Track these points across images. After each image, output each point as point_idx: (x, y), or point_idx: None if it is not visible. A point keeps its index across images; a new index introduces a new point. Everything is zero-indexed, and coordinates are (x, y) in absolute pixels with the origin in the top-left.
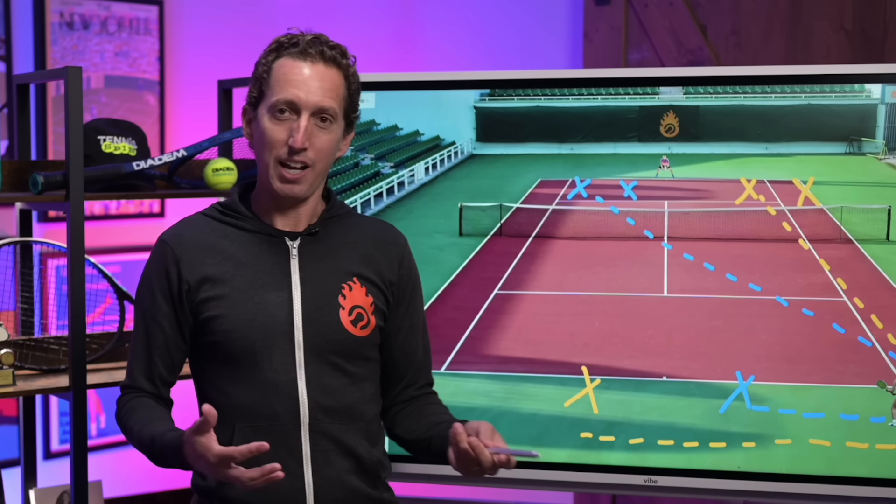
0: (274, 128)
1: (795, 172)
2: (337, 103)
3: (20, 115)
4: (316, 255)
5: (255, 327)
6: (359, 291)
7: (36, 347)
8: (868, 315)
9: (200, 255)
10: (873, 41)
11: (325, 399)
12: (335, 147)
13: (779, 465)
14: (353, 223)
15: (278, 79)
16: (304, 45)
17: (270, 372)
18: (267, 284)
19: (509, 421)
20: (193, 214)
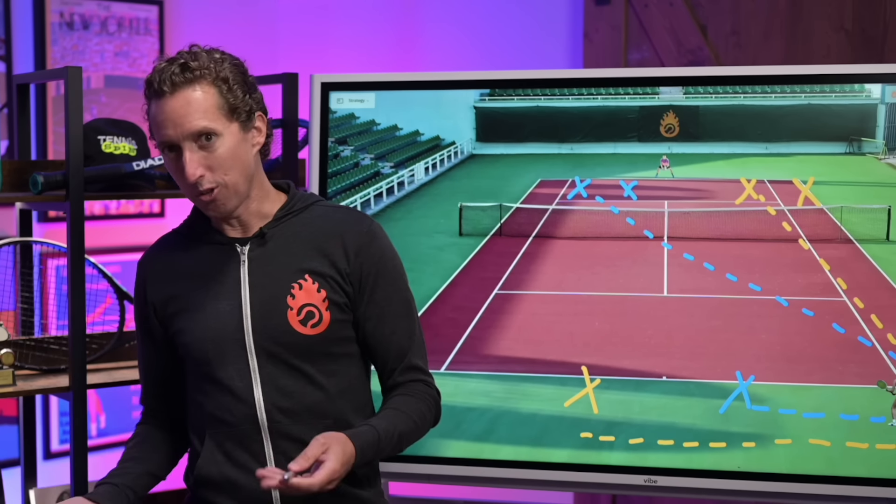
0: (172, 167)
1: (795, 172)
2: (210, 116)
3: (20, 115)
4: (266, 258)
5: (208, 337)
6: (309, 288)
7: (36, 347)
8: (868, 315)
9: (163, 274)
10: (873, 41)
11: (283, 401)
12: (239, 150)
13: (779, 465)
14: (313, 216)
15: (154, 124)
16: (157, 83)
17: (227, 380)
18: (219, 294)
19: (509, 421)
20: (169, 232)
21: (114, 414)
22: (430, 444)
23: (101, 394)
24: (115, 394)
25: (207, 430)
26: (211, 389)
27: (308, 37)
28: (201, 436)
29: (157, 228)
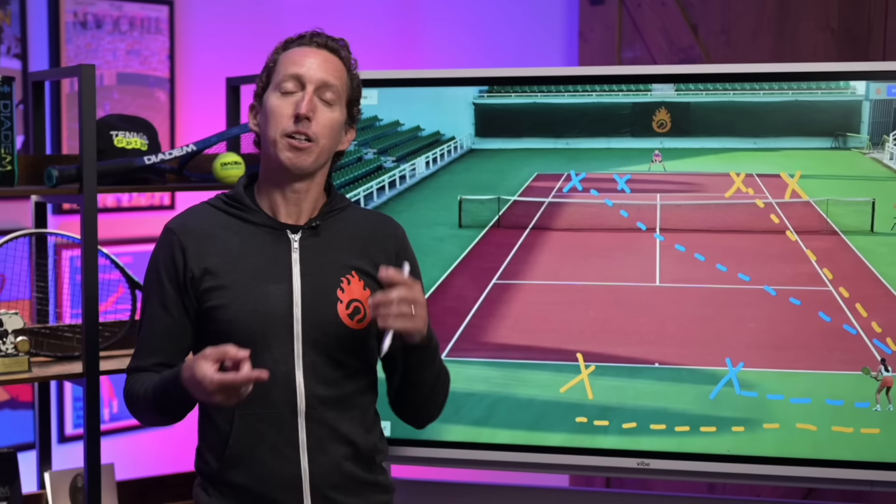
0: (280, 103)
1: (783, 166)
2: (339, 84)
3: (35, 112)
4: (316, 249)
5: (256, 318)
6: (357, 285)
7: (51, 335)
8: (853, 304)
9: (205, 245)
10: (858, 40)
11: (322, 389)
12: (338, 130)
13: (767, 448)
14: (352, 217)
15: (284, 63)
16: (308, 37)
17: (270, 362)
18: (269, 276)
19: (507, 406)
20: (199, 204)
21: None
22: (430, 428)
23: (113, 380)
24: None
25: (236, 409)
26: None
27: None
28: (229, 414)
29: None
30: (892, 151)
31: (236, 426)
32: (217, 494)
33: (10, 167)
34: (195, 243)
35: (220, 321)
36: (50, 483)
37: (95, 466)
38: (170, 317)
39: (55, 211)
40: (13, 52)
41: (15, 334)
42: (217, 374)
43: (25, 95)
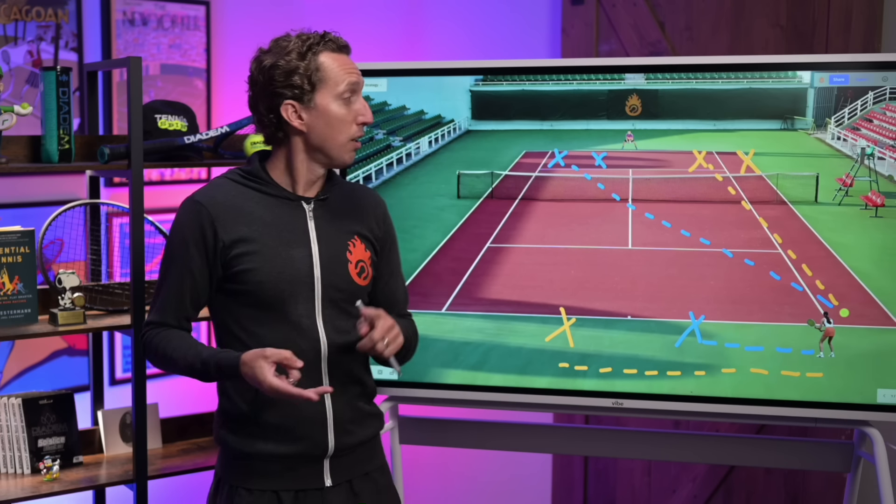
0: (346, 112)
1: (739, 145)
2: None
3: (90, 98)
4: (326, 217)
5: (283, 279)
6: (360, 247)
7: (103, 292)
8: (800, 265)
9: (233, 216)
10: (804, 35)
11: (339, 338)
12: None
13: (725, 390)
14: (345, 189)
15: (334, 69)
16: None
17: (296, 316)
18: (291, 242)
19: (499, 353)
20: (218, 178)
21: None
22: (433, 372)
23: None
24: None
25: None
26: (278, 325)
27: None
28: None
29: None
30: (834, 132)
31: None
32: (244, 434)
33: (68, 146)
34: (224, 215)
35: (251, 282)
36: (102, 420)
37: (142, 405)
38: (192, 280)
39: (107, 184)
40: (70, 46)
41: (72, 291)
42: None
43: (81, 84)
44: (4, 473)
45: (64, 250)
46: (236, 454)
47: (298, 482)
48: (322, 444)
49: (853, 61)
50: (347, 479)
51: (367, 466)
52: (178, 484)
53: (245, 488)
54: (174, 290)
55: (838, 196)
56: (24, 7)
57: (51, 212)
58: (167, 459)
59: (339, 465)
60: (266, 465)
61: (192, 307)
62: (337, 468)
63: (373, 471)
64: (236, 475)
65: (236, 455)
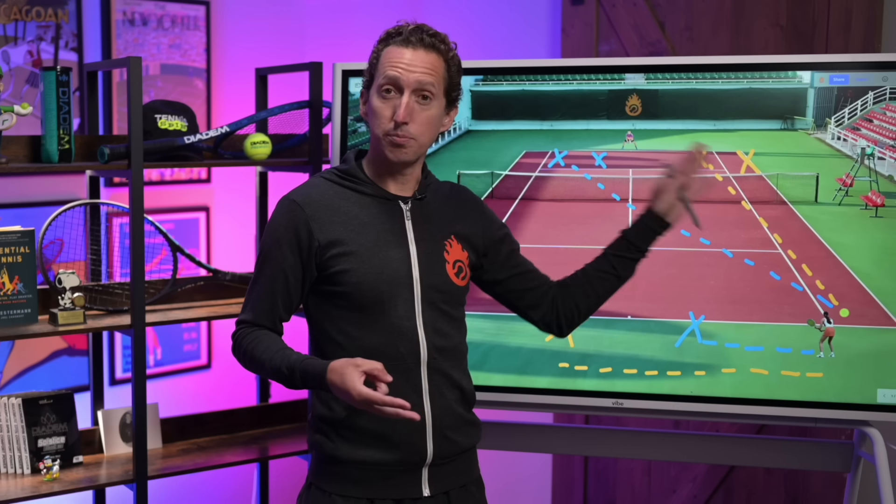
0: (381, 105)
1: (739, 145)
2: (436, 80)
3: (90, 98)
4: (423, 217)
5: (382, 280)
6: (457, 247)
7: (103, 292)
8: (799, 265)
9: (328, 216)
10: (804, 35)
11: (439, 340)
12: (437, 122)
13: (724, 390)
14: (440, 188)
15: (384, 63)
16: (406, 33)
17: (396, 318)
18: (389, 242)
19: (499, 353)
20: (314, 177)
21: (168, 347)
22: None
23: (157, 331)
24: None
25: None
26: (377, 326)
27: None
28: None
29: (205, 192)
30: (834, 132)
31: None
32: (340, 439)
33: (68, 146)
34: (320, 215)
35: (348, 283)
36: (102, 420)
37: (142, 405)
38: (286, 282)
39: (107, 184)
40: (70, 46)
41: (72, 291)
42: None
43: (81, 84)
44: (4, 473)
45: (64, 250)
46: (331, 460)
47: (395, 491)
48: (421, 451)
49: (853, 61)
50: (445, 490)
51: (465, 478)
52: (178, 484)
53: (340, 495)
54: (267, 291)
55: (838, 196)
56: (24, 7)
57: (51, 212)
58: (167, 459)
59: (437, 475)
60: (363, 472)
61: (284, 309)
62: (435, 477)
63: (470, 483)
64: (330, 481)
65: (331, 461)
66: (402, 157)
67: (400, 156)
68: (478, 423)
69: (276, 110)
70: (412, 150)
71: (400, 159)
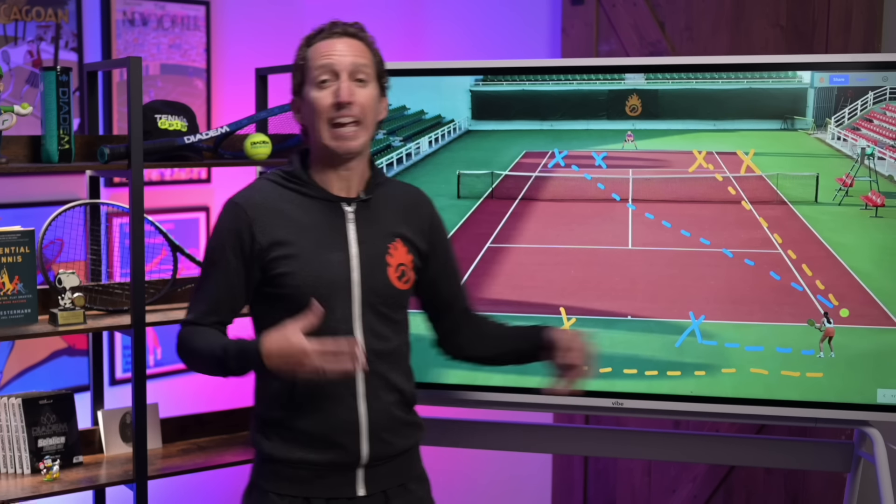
0: (320, 95)
1: (739, 145)
2: (368, 61)
3: (90, 98)
4: (367, 219)
5: (321, 283)
6: (402, 250)
7: (103, 292)
8: (800, 265)
9: (270, 218)
10: (804, 35)
11: (377, 344)
12: (376, 104)
13: (725, 390)
14: (391, 189)
15: (315, 58)
16: (328, 29)
17: (333, 322)
18: (330, 245)
19: None
20: (259, 180)
21: (168, 347)
22: (433, 372)
23: (157, 331)
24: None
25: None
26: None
27: None
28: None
29: (205, 192)
30: (834, 132)
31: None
32: (277, 438)
33: (68, 146)
34: (262, 217)
35: (288, 286)
36: (102, 420)
37: (142, 406)
38: (229, 283)
39: (107, 184)
40: (70, 46)
41: (72, 291)
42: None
43: (81, 84)
44: (4, 473)
45: (64, 250)
46: (268, 458)
47: (330, 490)
48: (355, 453)
49: (853, 61)
50: (382, 489)
51: (404, 477)
52: (178, 484)
53: (276, 493)
54: (211, 293)
55: (838, 196)
56: (24, 7)
57: (51, 212)
58: (167, 459)
59: (374, 475)
60: (297, 471)
61: (228, 310)
62: (372, 478)
63: (409, 481)
64: (268, 480)
65: (268, 459)
66: (349, 145)
67: (346, 144)
68: (418, 424)
69: (276, 110)
70: (358, 136)
71: (347, 148)
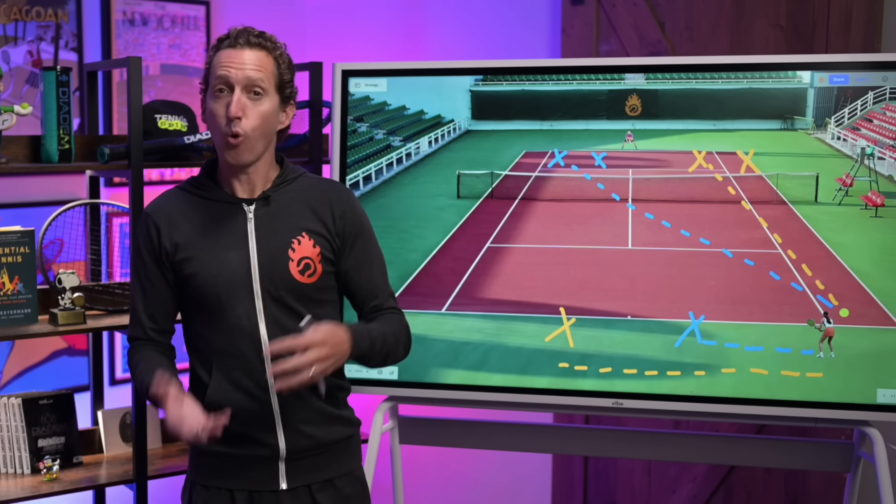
0: (215, 105)
1: (739, 145)
2: (265, 76)
3: (90, 98)
4: (269, 217)
5: (220, 282)
6: (307, 244)
7: (103, 292)
8: (799, 265)
9: (174, 222)
10: (804, 35)
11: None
12: (271, 117)
13: (724, 390)
14: (303, 185)
15: (215, 66)
16: (233, 36)
17: (235, 318)
18: (228, 245)
19: (499, 353)
20: (171, 189)
21: None
22: (432, 372)
23: None
24: None
25: (215, 361)
26: (220, 327)
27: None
28: (208, 367)
29: None
30: (834, 132)
31: (214, 376)
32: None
33: (68, 146)
34: (166, 223)
35: (192, 287)
36: (102, 420)
37: (142, 405)
38: (154, 289)
39: (107, 184)
40: (70, 46)
41: (72, 291)
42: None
43: (81, 84)
44: (4, 473)
45: (64, 250)
46: (195, 451)
47: (253, 483)
48: (272, 446)
49: (853, 61)
50: (305, 483)
51: (329, 473)
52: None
53: (202, 485)
54: (140, 302)
55: (838, 196)
56: (24, 7)
57: (51, 212)
58: (167, 459)
59: (295, 469)
60: (220, 462)
61: (161, 317)
62: (293, 471)
63: (337, 478)
64: (197, 472)
65: (195, 452)
66: (239, 158)
67: (237, 157)
68: (348, 419)
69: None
70: (247, 148)
71: (237, 160)
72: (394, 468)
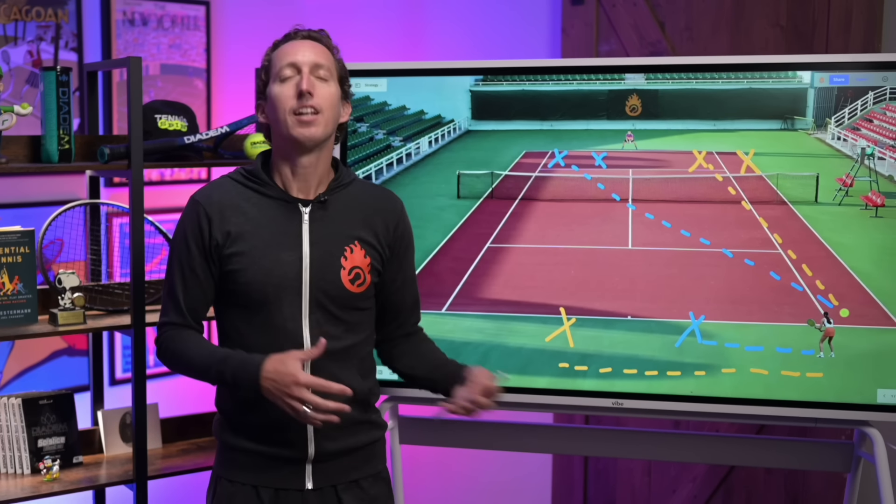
0: (282, 89)
1: (739, 145)
2: (329, 63)
3: (90, 98)
4: (324, 220)
5: (269, 281)
6: (359, 253)
7: (103, 292)
8: (800, 265)
9: (227, 215)
10: (804, 35)
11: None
12: (337, 102)
13: (725, 390)
14: (357, 191)
15: (278, 60)
16: (292, 33)
17: (280, 319)
18: (282, 244)
19: (499, 353)
20: (221, 178)
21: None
22: None
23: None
24: None
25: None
26: (264, 326)
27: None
28: None
29: None
30: (834, 132)
31: None
32: (230, 428)
33: (68, 146)
34: (219, 213)
35: (239, 283)
36: (102, 420)
37: (142, 405)
38: (195, 277)
39: (107, 184)
40: (70, 46)
41: (72, 291)
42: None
43: (81, 84)
44: (4, 473)
45: (64, 250)
46: (223, 446)
47: (278, 482)
48: (301, 449)
49: (853, 61)
50: (332, 483)
51: (355, 474)
52: (178, 484)
53: (228, 479)
54: (179, 289)
55: (838, 196)
56: (24, 7)
57: (51, 212)
58: (167, 459)
59: (322, 470)
60: (247, 459)
61: (201, 305)
62: (320, 473)
63: (363, 478)
64: (223, 467)
65: (223, 447)
66: (312, 134)
67: (309, 132)
68: (375, 423)
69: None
70: (320, 125)
71: (309, 136)
72: (394, 468)
